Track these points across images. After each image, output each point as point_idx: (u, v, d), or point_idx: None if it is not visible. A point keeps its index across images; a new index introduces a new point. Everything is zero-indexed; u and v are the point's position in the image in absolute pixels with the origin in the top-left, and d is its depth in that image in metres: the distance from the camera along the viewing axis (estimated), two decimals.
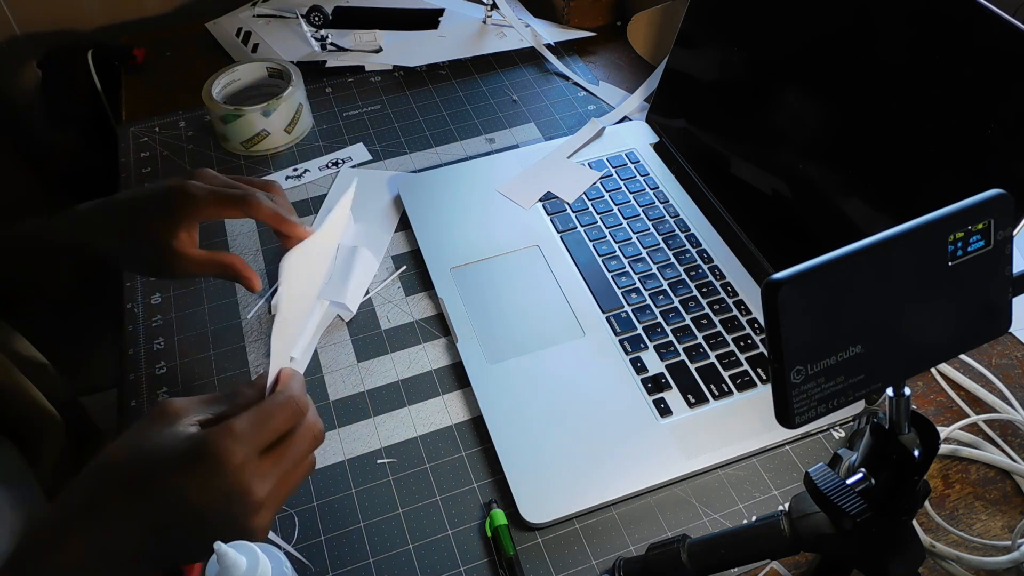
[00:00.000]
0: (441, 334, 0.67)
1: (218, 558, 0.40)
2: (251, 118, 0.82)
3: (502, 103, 0.91)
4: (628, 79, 0.95)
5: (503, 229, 0.75)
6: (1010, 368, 0.64)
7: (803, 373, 0.33)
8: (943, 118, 0.55)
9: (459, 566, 0.53)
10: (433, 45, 0.98)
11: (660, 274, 0.70)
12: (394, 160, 0.84)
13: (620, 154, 0.82)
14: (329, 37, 0.96)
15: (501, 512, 0.55)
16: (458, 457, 0.59)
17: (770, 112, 0.70)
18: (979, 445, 0.60)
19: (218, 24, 1.02)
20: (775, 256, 0.69)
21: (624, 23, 1.01)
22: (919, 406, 0.62)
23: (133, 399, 0.63)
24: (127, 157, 0.86)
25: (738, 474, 0.58)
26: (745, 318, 0.66)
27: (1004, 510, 0.56)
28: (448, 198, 0.78)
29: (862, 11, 0.61)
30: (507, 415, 0.60)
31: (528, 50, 0.98)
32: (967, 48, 0.54)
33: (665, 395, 0.61)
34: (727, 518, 0.56)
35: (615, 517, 0.56)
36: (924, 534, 0.54)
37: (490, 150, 0.85)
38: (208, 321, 0.69)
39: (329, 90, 0.94)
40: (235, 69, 0.86)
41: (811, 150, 0.66)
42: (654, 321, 0.66)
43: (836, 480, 0.39)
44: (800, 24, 0.67)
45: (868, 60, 0.60)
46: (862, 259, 0.33)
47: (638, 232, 0.74)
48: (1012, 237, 0.35)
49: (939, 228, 0.34)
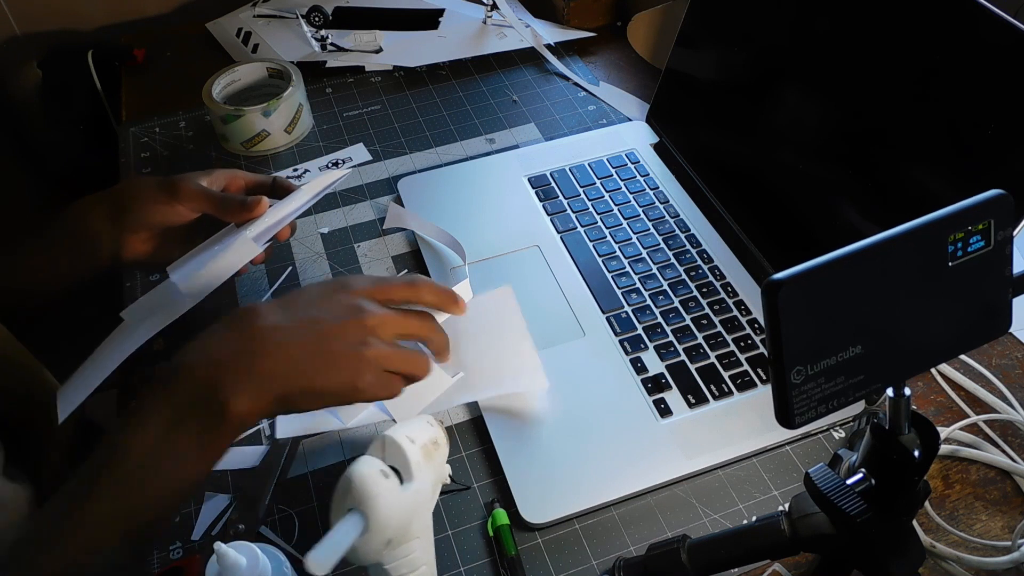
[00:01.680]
0: None
1: (218, 558, 0.40)
2: (251, 118, 0.82)
3: (502, 103, 0.91)
4: (628, 79, 0.95)
5: (503, 229, 0.75)
6: (1010, 368, 0.64)
7: (803, 373, 0.33)
8: (944, 118, 0.55)
9: (459, 566, 0.53)
10: (433, 45, 0.98)
11: (660, 274, 0.70)
12: (394, 160, 0.84)
13: (620, 154, 0.82)
14: (329, 37, 0.96)
15: (504, 512, 0.55)
16: (458, 457, 0.59)
17: (770, 112, 0.70)
18: (979, 445, 0.60)
19: (218, 24, 1.02)
20: (775, 256, 0.69)
21: (624, 23, 1.01)
22: (919, 406, 0.62)
23: (133, 399, 0.63)
24: (127, 157, 0.86)
25: (738, 474, 0.58)
26: (745, 318, 0.66)
27: (1004, 510, 0.56)
28: (448, 198, 0.78)
29: (862, 11, 0.61)
30: (507, 415, 0.60)
31: (528, 50, 0.98)
32: (967, 48, 0.54)
33: (665, 395, 0.61)
34: (727, 518, 0.56)
35: (615, 517, 0.56)
36: (924, 534, 0.54)
37: (490, 150, 0.85)
38: (208, 321, 0.68)
39: (329, 90, 0.94)
40: (235, 69, 0.86)
41: (811, 150, 0.66)
42: (654, 321, 0.66)
43: (836, 480, 0.39)
44: (800, 24, 0.67)
45: (868, 60, 0.60)
46: (862, 259, 0.33)
47: (638, 232, 0.74)
48: (1012, 237, 0.35)
49: (939, 228, 0.34)
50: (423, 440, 0.47)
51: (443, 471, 0.49)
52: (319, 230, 0.76)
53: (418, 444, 0.46)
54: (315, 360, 0.46)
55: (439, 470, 0.49)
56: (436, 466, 0.48)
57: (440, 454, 0.49)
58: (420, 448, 0.46)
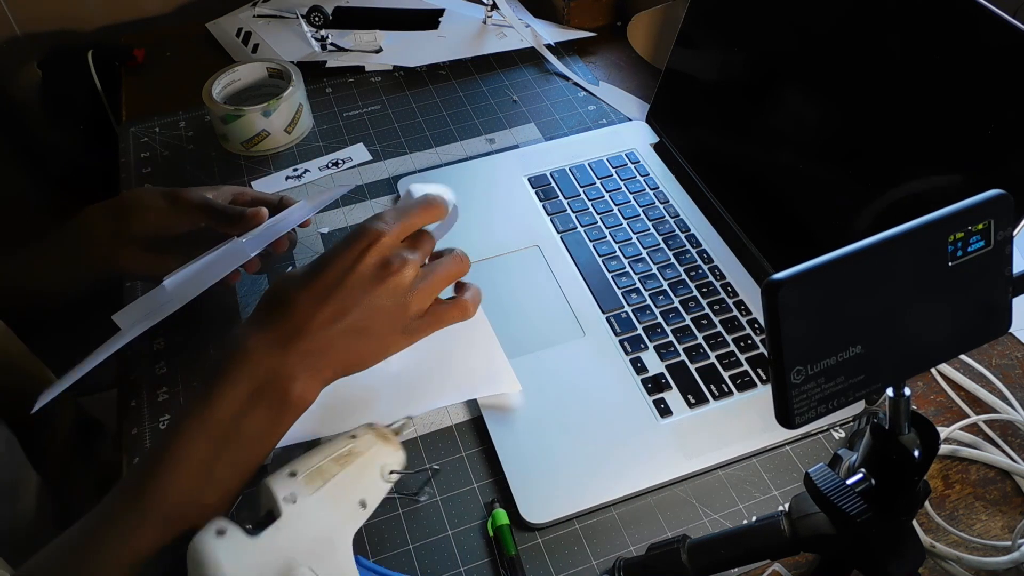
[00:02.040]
0: None
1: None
2: (251, 118, 0.82)
3: (502, 103, 0.91)
4: (628, 79, 0.95)
5: (503, 229, 0.75)
6: (1010, 368, 0.64)
7: (803, 373, 0.33)
8: (943, 118, 0.55)
9: (459, 566, 0.53)
10: (433, 45, 0.98)
11: (660, 274, 0.70)
12: (394, 160, 0.84)
13: (620, 154, 0.82)
14: (329, 37, 0.96)
15: (503, 512, 0.55)
16: (458, 457, 0.59)
17: (770, 112, 0.70)
18: (979, 445, 0.60)
19: (218, 24, 1.02)
20: (775, 256, 0.69)
21: (624, 23, 1.01)
22: (919, 406, 0.62)
23: (133, 399, 0.63)
24: (127, 157, 0.86)
25: (738, 474, 0.58)
26: (745, 318, 0.66)
27: (1004, 510, 0.56)
28: None
29: (862, 11, 0.61)
30: (507, 415, 0.60)
31: (528, 50, 0.98)
32: (967, 48, 0.54)
33: (665, 395, 0.61)
34: (727, 518, 0.56)
35: (615, 517, 0.56)
36: (924, 534, 0.54)
37: (490, 150, 0.85)
38: (208, 321, 0.69)
39: (329, 90, 0.94)
40: (235, 69, 0.86)
41: (811, 150, 0.66)
42: (654, 321, 0.66)
43: (836, 480, 0.39)
44: (800, 24, 0.67)
45: (868, 60, 0.60)
46: (862, 259, 0.33)
47: (638, 232, 0.74)
48: (1012, 237, 0.35)
49: (939, 228, 0.34)
50: (316, 463, 0.45)
51: (372, 476, 0.47)
52: (319, 230, 0.76)
53: (301, 475, 0.44)
54: (362, 336, 0.48)
55: (364, 480, 0.47)
56: (358, 478, 0.46)
57: (360, 463, 0.47)
58: (304, 477, 0.44)
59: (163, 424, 0.62)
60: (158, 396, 0.63)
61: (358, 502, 0.47)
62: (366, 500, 0.47)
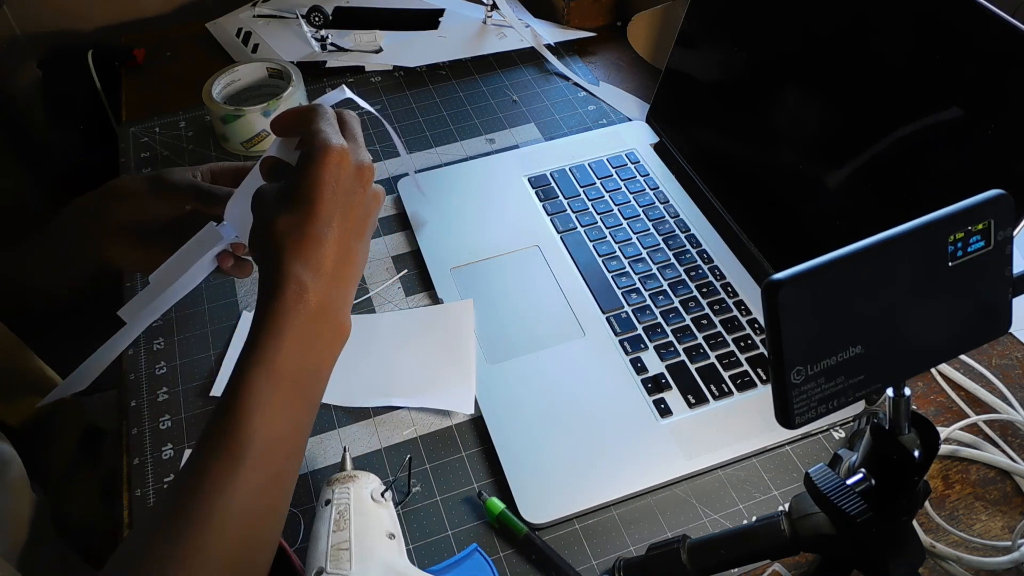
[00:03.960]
0: None
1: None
2: (251, 118, 0.82)
3: (502, 103, 0.91)
4: (628, 79, 0.95)
5: (503, 229, 0.75)
6: (1010, 368, 0.64)
7: (803, 373, 0.33)
8: (943, 118, 0.55)
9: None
10: (433, 45, 0.98)
11: (660, 274, 0.70)
12: (394, 160, 0.84)
13: (620, 154, 0.82)
14: (329, 37, 0.96)
15: (495, 499, 0.55)
16: (458, 457, 0.59)
17: (770, 112, 0.70)
18: (979, 445, 0.60)
19: (218, 24, 1.02)
20: (775, 256, 0.69)
21: (624, 23, 1.01)
22: (919, 406, 0.62)
23: (133, 399, 0.63)
24: (127, 157, 0.86)
25: (738, 474, 0.58)
26: (745, 318, 0.66)
27: (1004, 510, 0.56)
28: (448, 198, 0.78)
29: (862, 11, 0.61)
30: (507, 415, 0.60)
31: (528, 50, 0.98)
32: (967, 48, 0.54)
33: (665, 395, 0.61)
34: (727, 518, 0.56)
35: (615, 517, 0.56)
36: (924, 534, 0.54)
37: (490, 150, 0.85)
38: (208, 321, 0.69)
39: (329, 90, 0.93)
40: (235, 69, 0.86)
41: (811, 150, 0.66)
42: (654, 321, 0.66)
43: (836, 480, 0.39)
44: (800, 24, 0.67)
45: (868, 60, 0.60)
46: (862, 259, 0.33)
47: (638, 232, 0.74)
48: (1012, 237, 0.35)
49: (939, 228, 0.34)
50: (327, 546, 0.47)
51: (371, 510, 0.49)
52: None
53: (328, 564, 0.46)
54: (362, 240, 0.50)
55: (370, 518, 0.48)
56: (364, 522, 0.48)
57: (355, 511, 0.48)
58: (332, 564, 0.46)
59: (163, 424, 0.62)
60: (158, 396, 0.63)
61: (386, 536, 0.48)
62: (389, 531, 0.49)
